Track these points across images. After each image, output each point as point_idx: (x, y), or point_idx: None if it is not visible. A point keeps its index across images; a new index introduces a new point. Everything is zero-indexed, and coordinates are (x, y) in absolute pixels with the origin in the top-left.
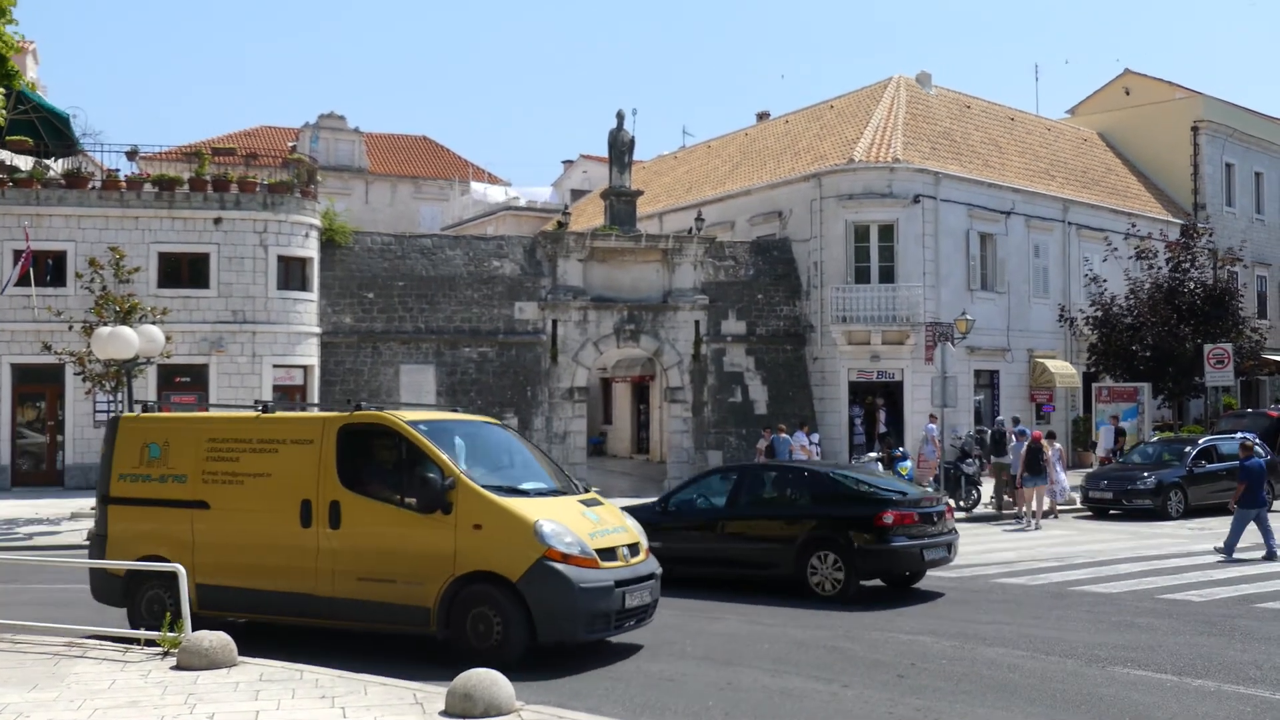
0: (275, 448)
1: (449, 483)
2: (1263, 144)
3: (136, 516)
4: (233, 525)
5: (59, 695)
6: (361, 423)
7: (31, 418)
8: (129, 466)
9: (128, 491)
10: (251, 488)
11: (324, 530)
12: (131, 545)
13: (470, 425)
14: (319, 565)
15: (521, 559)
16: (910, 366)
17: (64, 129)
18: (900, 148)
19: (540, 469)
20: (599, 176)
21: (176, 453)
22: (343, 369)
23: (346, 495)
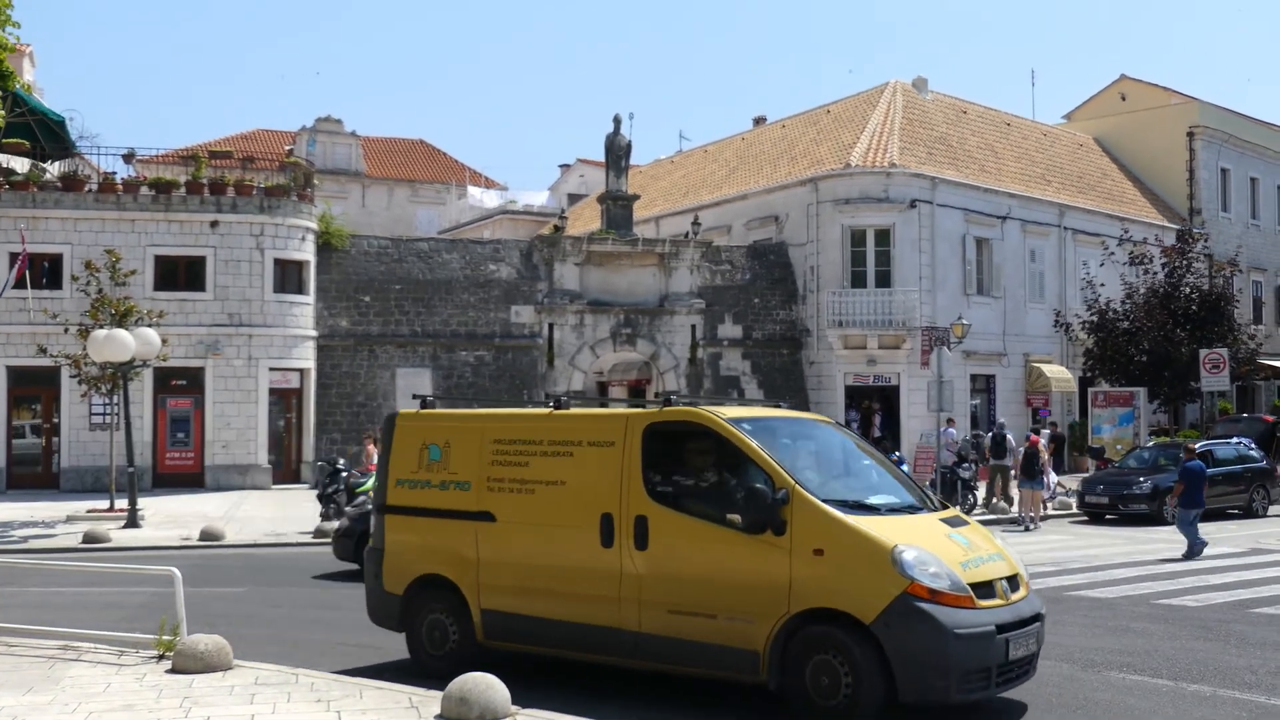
0: (570, 450)
1: (781, 495)
2: (1258, 149)
3: (415, 528)
4: (522, 542)
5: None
6: (672, 421)
7: (27, 420)
8: (407, 471)
9: (405, 499)
10: (543, 498)
11: (629, 551)
12: (410, 561)
13: (799, 424)
14: (623, 593)
15: (877, 594)
16: (906, 371)
17: (60, 131)
18: (897, 152)
19: (890, 478)
20: (596, 181)
21: (459, 455)
22: (339, 372)
23: (655, 509)
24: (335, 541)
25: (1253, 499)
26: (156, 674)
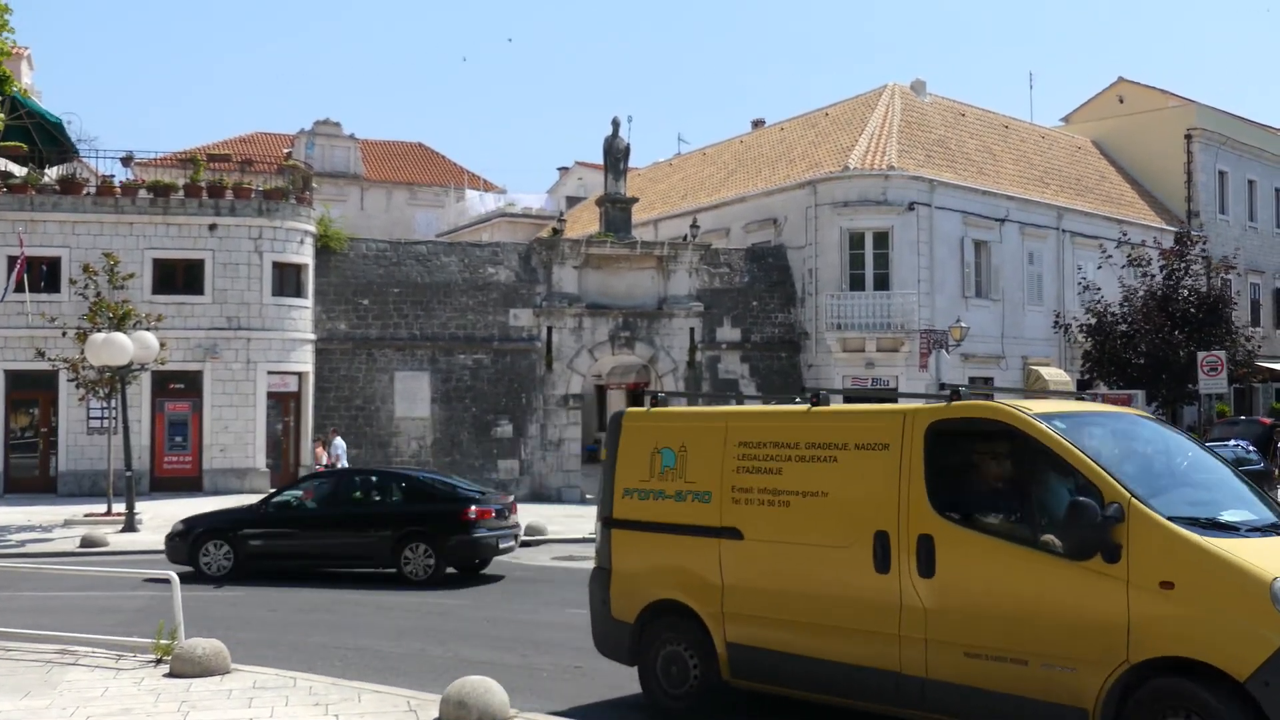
0: (833, 455)
1: (1113, 511)
2: (1256, 151)
3: (647, 546)
4: (775, 564)
5: (51, 703)
6: (964, 418)
7: (25, 424)
8: (636, 479)
9: (635, 512)
10: (800, 511)
11: (911, 578)
12: (642, 584)
13: (1120, 419)
14: (904, 630)
15: (1253, 643)
16: (905, 374)
17: (58, 134)
18: (895, 155)
19: (1238, 487)
20: (594, 183)
21: (697, 460)
22: (337, 375)
23: (943, 527)
24: (168, 544)
25: None
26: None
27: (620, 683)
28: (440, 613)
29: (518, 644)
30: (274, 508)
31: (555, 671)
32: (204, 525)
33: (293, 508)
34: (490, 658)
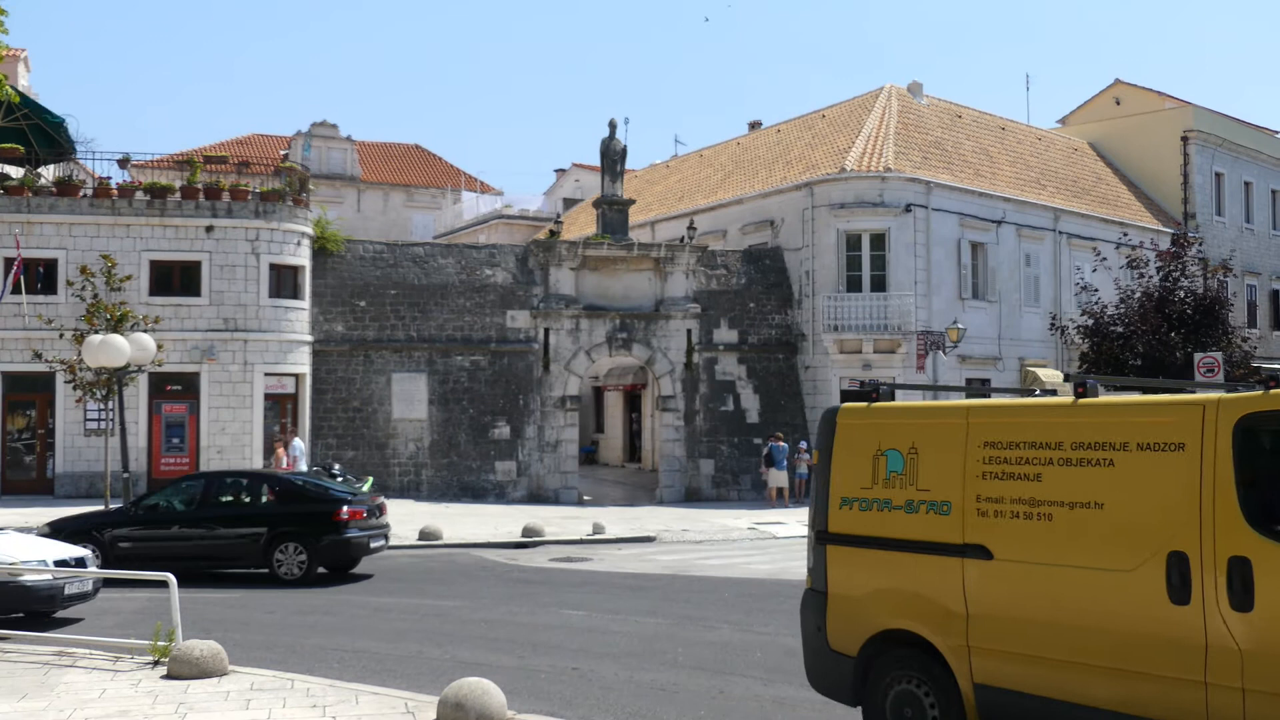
0: (1109, 457)
1: None
2: (1252, 153)
3: (872, 566)
4: (1035, 590)
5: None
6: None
7: (22, 426)
8: (856, 486)
9: (856, 525)
10: (1066, 526)
11: (1220, 611)
12: (866, 611)
13: None
14: (1212, 677)
15: None
16: (902, 375)
17: (56, 135)
18: (892, 157)
19: None
20: (591, 185)
21: (933, 465)
22: (335, 377)
23: (1263, 547)
24: None
25: None
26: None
27: (619, 682)
28: (437, 615)
29: (515, 646)
30: (144, 509)
31: (553, 673)
32: (73, 526)
33: (163, 509)
34: (488, 659)
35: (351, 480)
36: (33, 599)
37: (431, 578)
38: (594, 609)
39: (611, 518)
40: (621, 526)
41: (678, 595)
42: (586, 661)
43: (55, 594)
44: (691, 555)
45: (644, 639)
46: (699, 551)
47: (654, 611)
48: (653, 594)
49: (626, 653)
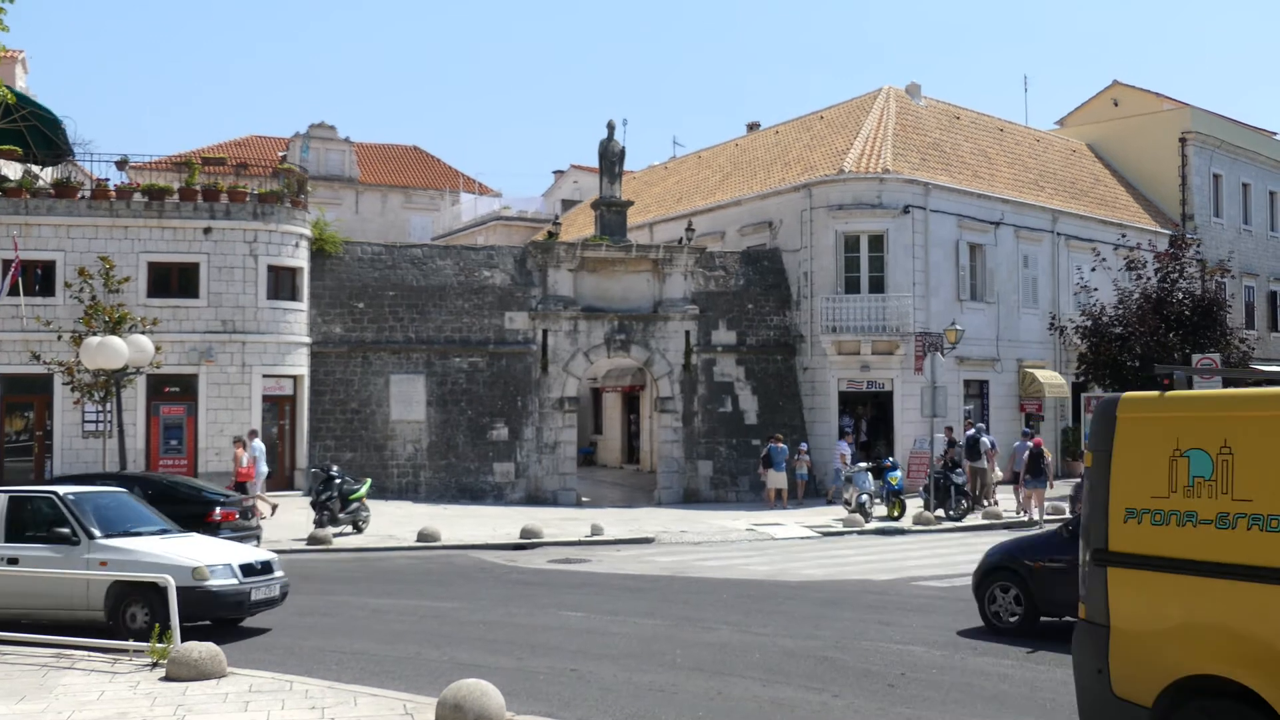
0: None
1: None
2: (1250, 155)
3: (1172, 593)
4: None
5: (47, 706)
6: None
7: (20, 428)
8: (1146, 495)
9: (1148, 544)
10: None
11: None
12: (1164, 649)
13: None
14: None
15: None
16: (900, 377)
17: (54, 136)
18: (890, 158)
19: None
20: (590, 187)
21: (1253, 467)
22: (333, 379)
23: None
24: None
25: None
26: (150, 681)
27: (617, 684)
28: (435, 616)
29: (513, 647)
30: None
31: (551, 674)
32: None
33: None
34: (486, 661)
35: (350, 481)
36: (219, 605)
37: (430, 579)
38: (592, 610)
39: (610, 519)
40: (620, 528)
41: (676, 596)
42: (585, 663)
43: (242, 600)
44: (690, 556)
45: (642, 640)
46: (697, 553)
47: (652, 613)
48: (651, 595)
49: (625, 654)
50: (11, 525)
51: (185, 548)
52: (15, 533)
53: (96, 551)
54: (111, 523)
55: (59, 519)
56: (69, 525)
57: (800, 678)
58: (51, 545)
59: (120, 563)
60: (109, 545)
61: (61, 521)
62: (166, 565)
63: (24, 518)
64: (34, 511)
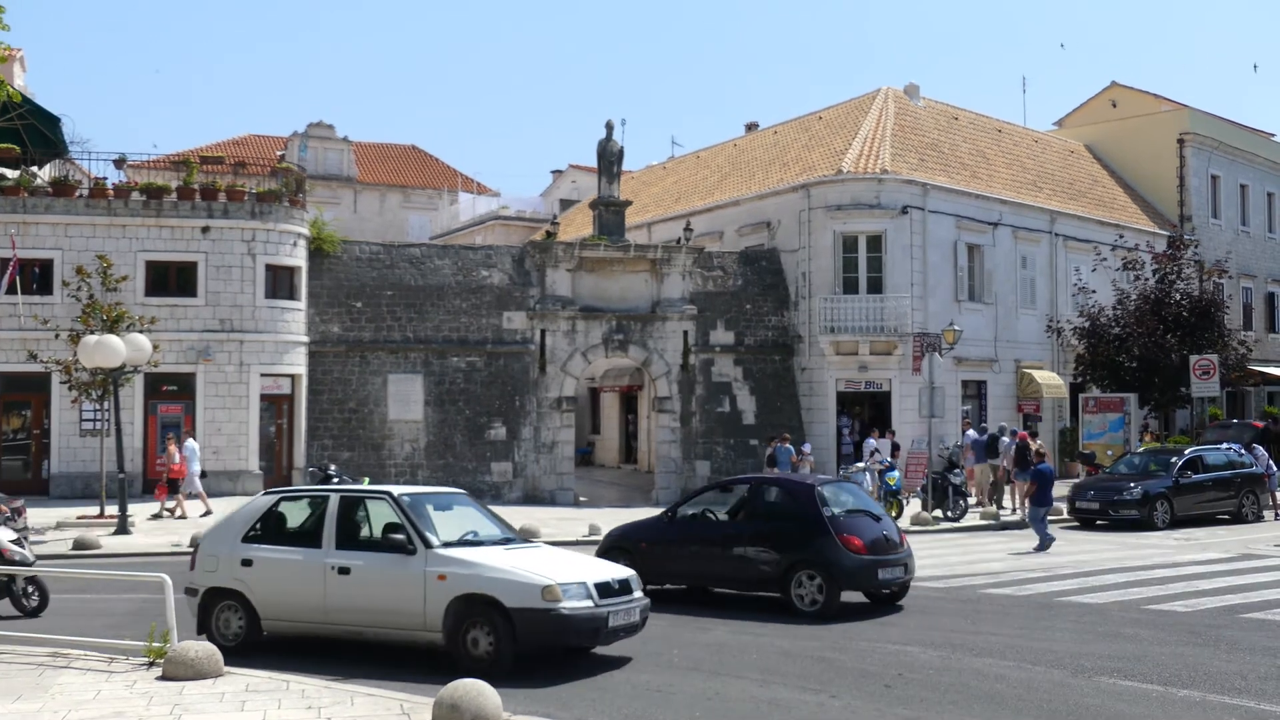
0: None
1: None
2: (1248, 156)
3: None
4: None
5: (43, 706)
6: None
7: (17, 426)
8: None
9: None
10: None
11: None
12: None
13: None
14: None
15: None
16: (898, 377)
17: (52, 135)
18: (888, 159)
19: None
20: (588, 186)
21: None
22: (330, 378)
23: None
24: None
25: (1242, 504)
26: (147, 681)
27: (614, 684)
28: None
29: None
30: None
31: (548, 674)
32: None
33: None
34: None
35: (348, 481)
36: (570, 631)
37: None
38: None
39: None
40: None
41: (672, 597)
42: (583, 661)
43: (599, 626)
44: None
45: (639, 639)
46: None
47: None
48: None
49: (622, 655)
50: (343, 530)
51: (533, 561)
52: (347, 538)
53: (435, 563)
54: (449, 529)
55: (394, 524)
56: (405, 531)
57: (797, 678)
58: (386, 554)
59: (461, 577)
60: (448, 556)
61: (397, 527)
62: (512, 582)
63: (356, 521)
64: (366, 515)
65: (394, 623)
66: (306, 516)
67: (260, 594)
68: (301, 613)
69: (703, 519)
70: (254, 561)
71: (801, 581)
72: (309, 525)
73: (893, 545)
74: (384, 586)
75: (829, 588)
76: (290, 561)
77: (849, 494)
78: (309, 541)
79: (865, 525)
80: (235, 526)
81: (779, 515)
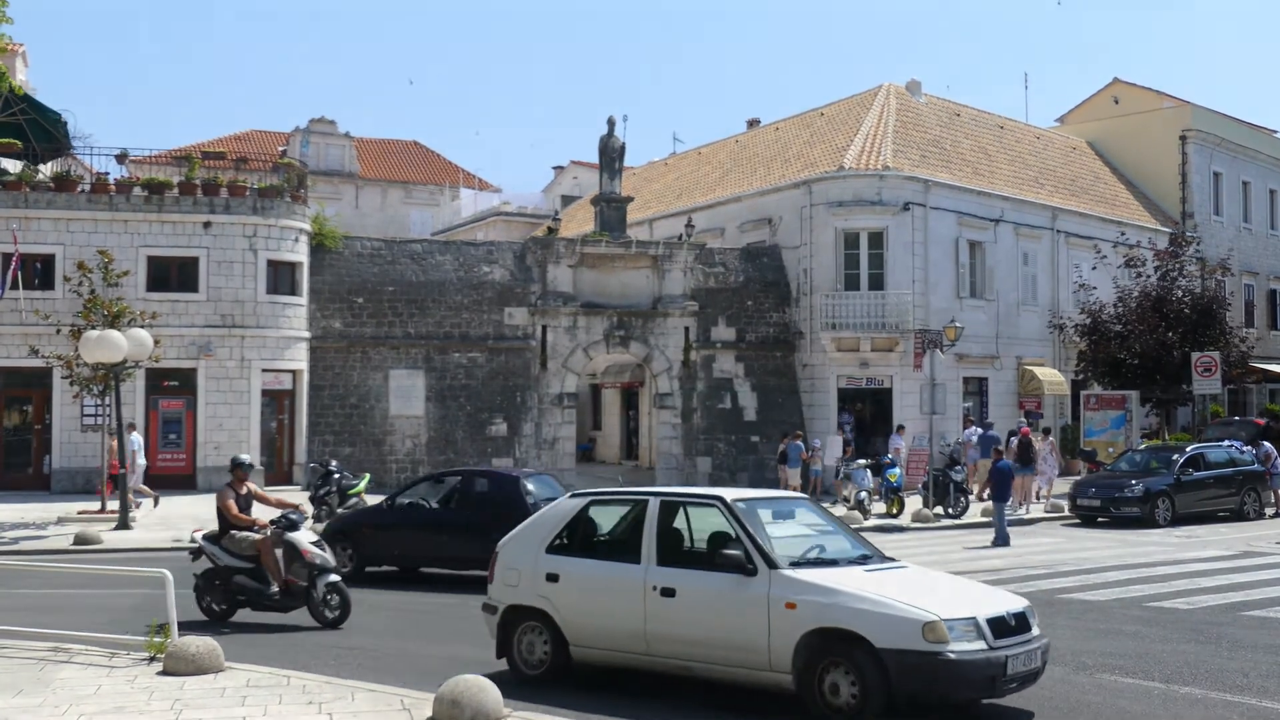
0: None
1: None
2: (1250, 153)
3: None
4: None
5: (44, 700)
6: None
7: (18, 421)
8: None
9: None
10: None
11: None
12: None
13: None
14: None
15: None
16: (899, 374)
17: (54, 130)
18: (890, 155)
19: None
20: (589, 183)
21: None
22: (332, 374)
23: None
24: None
25: (1244, 502)
26: (147, 676)
27: (613, 681)
28: (433, 612)
29: None
30: None
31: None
32: None
33: None
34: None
35: (348, 477)
36: (960, 681)
37: (428, 575)
38: None
39: None
40: None
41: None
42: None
43: (994, 674)
44: None
45: None
46: None
47: None
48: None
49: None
50: (664, 541)
51: (905, 588)
52: (669, 552)
53: (781, 587)
54: (792, 543)
55: (726, 535)
56: (741, 546)
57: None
58: (719, 573)
59: (815, 606)
60: (798, 579)
61: (730, 540)
62: (883, 615)
63: (679, 531)
64: (692, 524)
65: (729, 659)
66: (621, 524)
67: (568, 615)
68: (617, 640)
69: (418, 506)
70: (561, 576)
71: None
72: (624, 534)
73: None
74: (717, 614)
75: None
76: (603, 578)
77: (547, 486)
78: (624, 554)
79: None
80: (539, 533)
81: (489, 503)
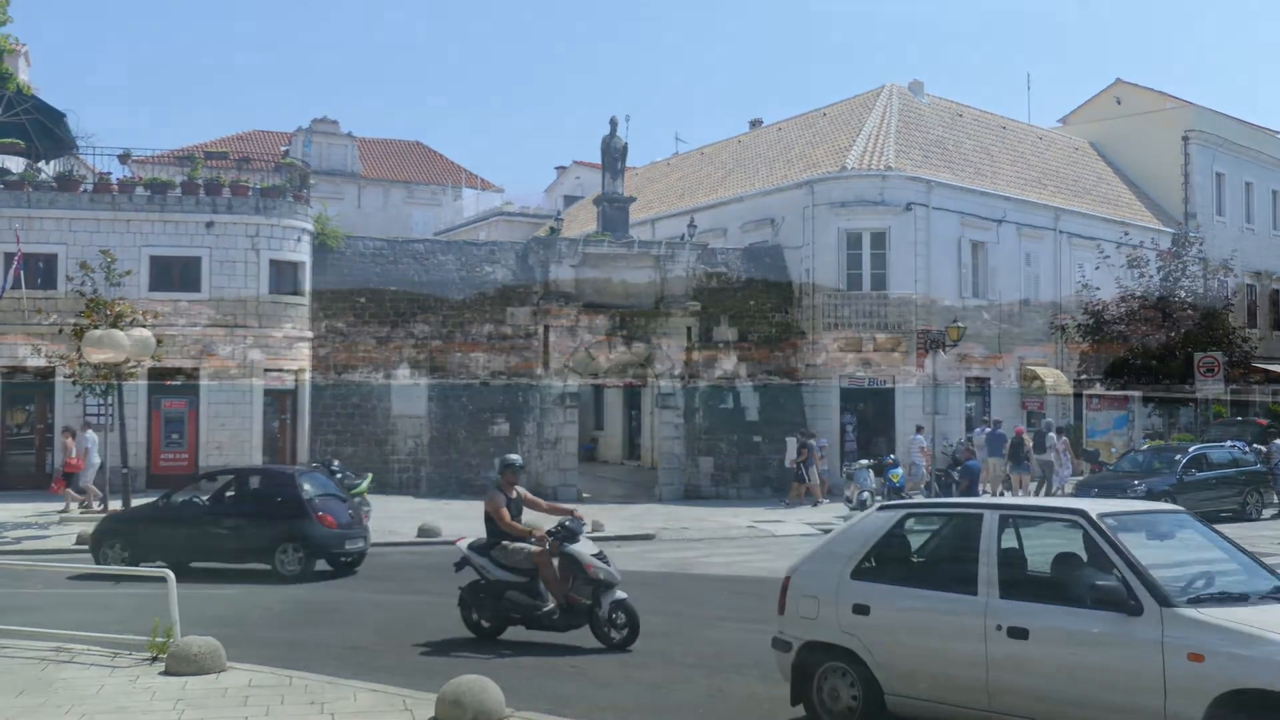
0: None
1: None
2: (1253, 154)
3: None
4: None
5: (46, 700)
6: None
7: (21, 421)
8: None
9: None
10: None
11: None
12: None
13: None
14: None
15: None
16: (902, 374)
17: (56, 130)
18: (892, 155)
19: None
20: (592, 183)
21: None
22: (334, 373)
23: None
24: None
25: (1246, 502)
26: (149, 676)
27: (615, 682)
28: (436, 612)
29: (514, 644)
30: None
31: (551, 671)
32: None
33: None
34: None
35: (351, 476)
36: None
37: (430, 575)
38: None
39: (611, 515)
40: (620, 524)
41: (677, 593)
42: (584, 659)
43: None
44: (690, 553)
45: (642, 637)
46: (698, 549)
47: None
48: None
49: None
50: (1007, 567)
51: None
52: (1013, 582)
53: (1180, 630)
54: (1180, 571)
55: (1079, 560)
56: (1118, 576)
57: None
58: (1086, 610)
59: (1233, 659)
60: (1202, 620)
61: (1099, 566)
62: None
63: (1020, 555)
64: (1026, 544)
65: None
66: (945, 543)
67: (883, 656)
68: (948, 691)
69: (194, 504)
70: (872, 608)
71: (287, 551)
72: (950, 556)
73: (357, 523)
74: (1088, 665)
75: (308, 557)
76: (927, 611)
77: (319, 483)
78: (953, 582)
79: (337, 507)
80: (841, 554)
81: (265, 499)
